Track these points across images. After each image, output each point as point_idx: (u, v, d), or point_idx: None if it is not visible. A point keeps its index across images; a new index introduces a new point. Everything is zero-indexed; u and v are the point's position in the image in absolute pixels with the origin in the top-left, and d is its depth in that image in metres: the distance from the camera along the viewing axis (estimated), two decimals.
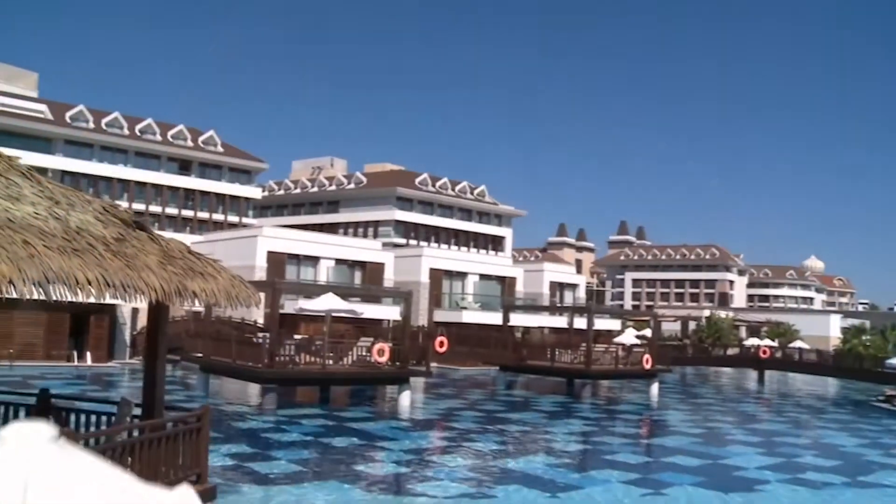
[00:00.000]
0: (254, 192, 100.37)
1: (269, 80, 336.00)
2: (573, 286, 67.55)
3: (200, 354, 30.73)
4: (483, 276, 58.37)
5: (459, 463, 18.76)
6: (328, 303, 29.48)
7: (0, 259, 7.45)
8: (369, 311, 41.88)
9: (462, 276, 57.36)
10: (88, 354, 40.72)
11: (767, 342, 63.44)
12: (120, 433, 10.76)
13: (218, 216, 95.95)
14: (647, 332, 60.37)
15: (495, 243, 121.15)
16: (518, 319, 52.56)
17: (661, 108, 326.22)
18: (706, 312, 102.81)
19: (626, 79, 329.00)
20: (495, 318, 51.86)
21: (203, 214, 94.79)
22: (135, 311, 45.19)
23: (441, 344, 36.99)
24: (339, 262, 50.13)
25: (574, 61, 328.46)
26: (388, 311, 47.85)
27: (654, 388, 40.62)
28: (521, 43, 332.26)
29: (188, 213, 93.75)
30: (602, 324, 58.80)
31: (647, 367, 39.89)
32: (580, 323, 46.14)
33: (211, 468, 16.20)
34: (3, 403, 13.40)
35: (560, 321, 56.34)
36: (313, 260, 49.16)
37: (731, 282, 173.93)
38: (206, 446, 11.99)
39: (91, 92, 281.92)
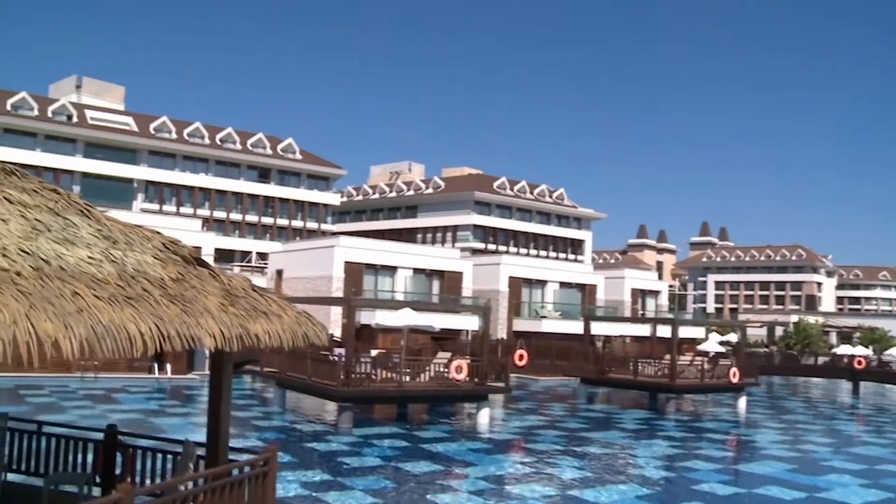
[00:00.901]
0: (332, 198, 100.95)
1: (346, 87, 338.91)
2: (655, 293, 65.91)
3: (276, 370, 30.51)
4: (563, 284, 57.30)
5: (540, 493, 17.93)
6: (405, 318, 28.92)
7: (46, 316, 6.94)
8: (447, 321, 41.24)
9: (542, 283, 56.40)
10: (168, 366, 40.97)
11: (861, 350, 60.79)
12: (184, 482, 10.26)
13: (297, 223, 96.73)
14: (732, 337, 58.52)
15: (574, 247, 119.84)
16: (599, 328, 51.39)
17: (742, 107, 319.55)
18: (793, 318, 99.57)
19: (707, 76, 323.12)
20: (575, 326, 50.81)
21: (282, 221, 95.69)
22: None
23: (521, 357, 36.22)
24: (416, 271, 49.65)
25: (654, 59, 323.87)
26: (467, 322, 47.16)
27: (742, 402, 39.09)
28: (598, 42, 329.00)
29: (268, 220, 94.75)
30: (685, 331, 57.15)
31: (735, 380, 38.41)
32: (663, 330, 44.88)
33: (285, 501, 15.75)
34: (72, 439, 13.10)
35: (642, 329, 54.93)
36: (391, 270, 48.78)
37: (819, 284, 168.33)
38: (273, 489, 11.39)
39: (174, 103, 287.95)
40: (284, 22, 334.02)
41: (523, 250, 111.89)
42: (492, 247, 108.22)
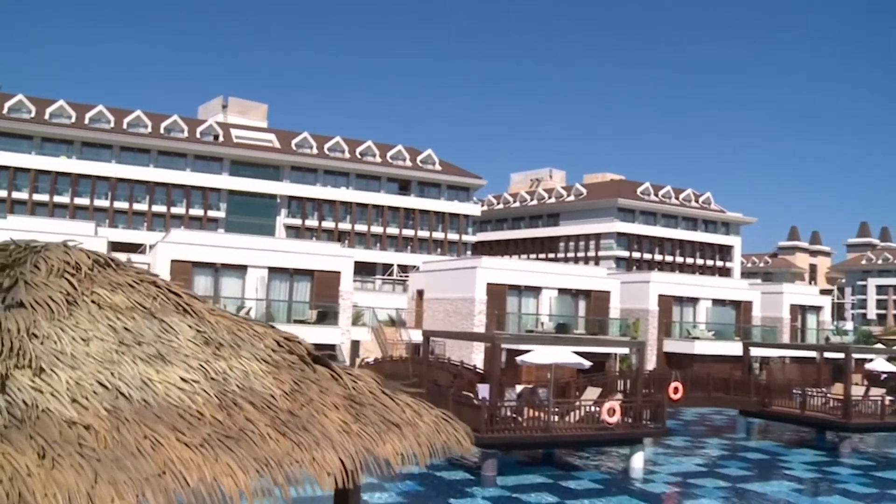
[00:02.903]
0: (472, 208, 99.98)
1: (484, 93, 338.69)
2: (816, 308, 61.56)
3: None
4: (716, 302, 54.05)
5: None
6: (552, 356, 27.05)
7: (114, 491, 5.47)
8: (595, 348, 39.03)
9: (693, 301, 53.34)
10: None
11: None
12: None
13: (438, 234, 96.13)
14: None
15: (723, 253, 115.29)
16: (756, 349, 47.97)
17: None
18: None
19: (861, 71, 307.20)
20: (730, 348, 47.84)
21: (423, 233, 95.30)
22: (354, 345, 44.68)
23: (675, 390, 33.68)
24: (561, 291, 47.58)
25: (803, 56, 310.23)
26: (616, 346, 44.85)
27: None
28: (735, 41, 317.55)
29: (408, 232, 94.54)
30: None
31: None
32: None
33: None
34: None
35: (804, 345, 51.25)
36: (535, 290, 46.89)
37: None
38: None
39: (314, 118, 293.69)
40: (421, 30, 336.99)
41: (669, 258, 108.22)
42: (636, 255, 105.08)
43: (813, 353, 46.38)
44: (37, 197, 79.64)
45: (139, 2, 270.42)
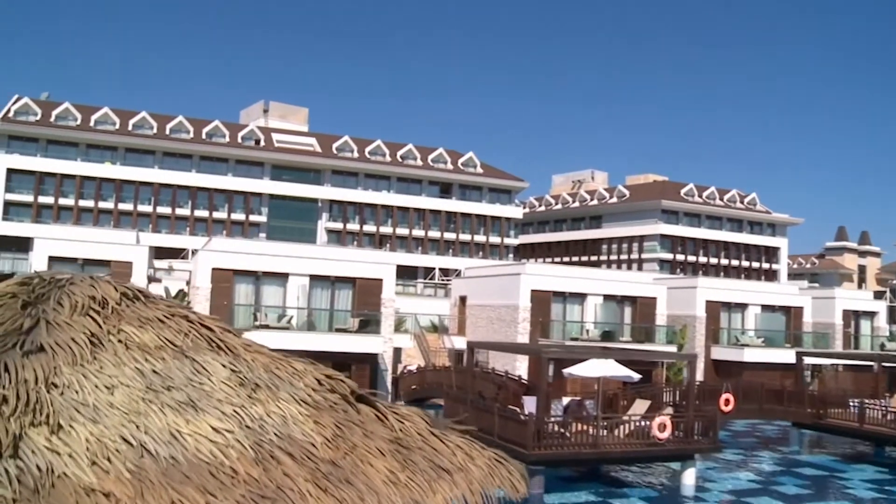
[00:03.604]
0: (514, 211, 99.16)
1: (524, 95, 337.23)
2: (871, 314, 59.84)
3: (458, 420, 28.40)
4: (765, 307, 52.63)
5: None
6: (601, 369, 26.22)
7: None
8: (644, 357, 38.04)
9: (741, 307, 52.01)
10: None
11: None
12: None
13: (479, 238, 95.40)
14: None
15: (769, 255, 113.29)
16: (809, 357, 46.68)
17: None
18: None
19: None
20: (780, 355, 46.57)
21: (465, 237, 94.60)
22: (396, 352, 44.14)
23: (727, 402, 32.67)
24: (607, 298, 46.61)
25: (844, 52, 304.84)
26: (662, 351, 43.85)
27: None
28: (780, 41, 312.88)
29: (450, 235, 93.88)
30: None
31: None
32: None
33: None
34: None
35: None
36: (580, 297, 45.98)
37: None
38: None
39: (354, 120, 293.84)
40: (460, 33, 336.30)
41: (713, 260, 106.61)
42: (680, 257, 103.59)
43: (867, 361, 44.80)
44: (82, 203, 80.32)
45: (181, 10, 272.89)
